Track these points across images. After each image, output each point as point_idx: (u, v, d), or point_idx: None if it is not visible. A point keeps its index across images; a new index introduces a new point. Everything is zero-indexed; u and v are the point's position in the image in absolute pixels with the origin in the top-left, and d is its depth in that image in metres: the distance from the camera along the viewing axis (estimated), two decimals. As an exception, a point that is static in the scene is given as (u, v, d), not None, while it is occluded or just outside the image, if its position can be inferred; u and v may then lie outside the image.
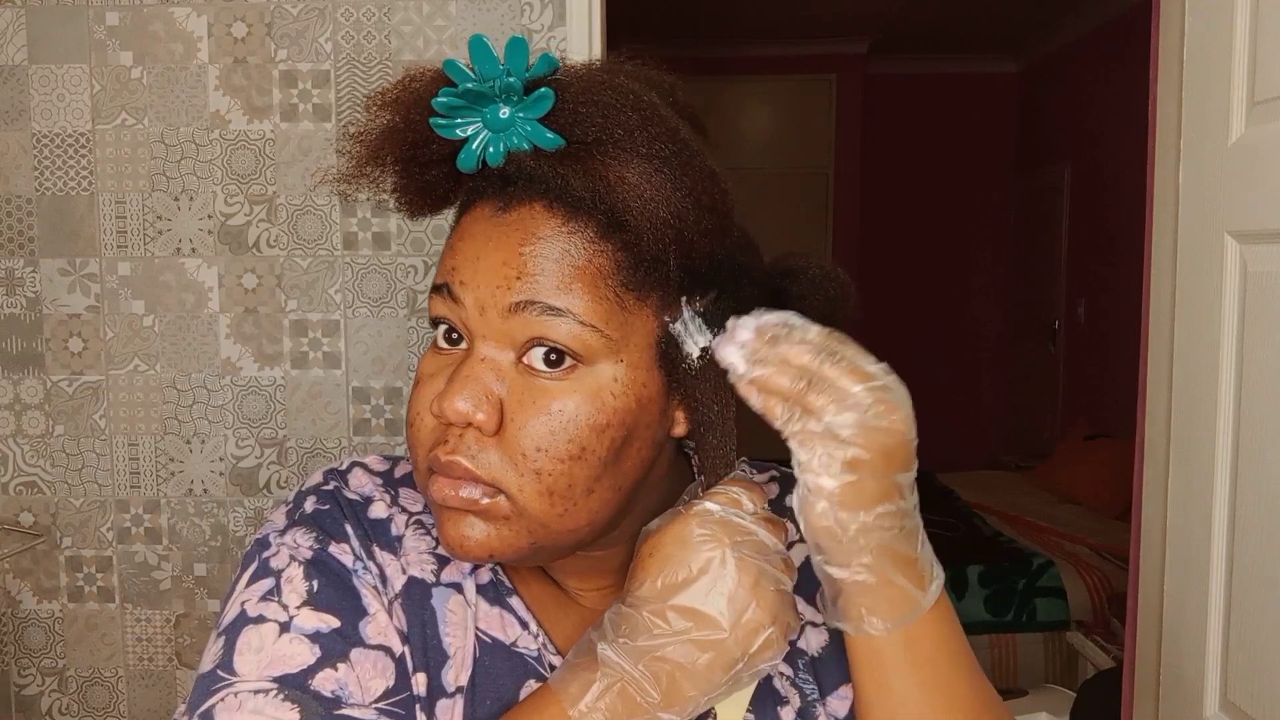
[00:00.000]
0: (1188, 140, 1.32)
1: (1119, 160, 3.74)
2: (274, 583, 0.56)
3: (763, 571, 0.53)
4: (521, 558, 0.55)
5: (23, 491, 1.58)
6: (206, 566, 1.58)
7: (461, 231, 0.56)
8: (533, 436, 0.52)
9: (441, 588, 0.60)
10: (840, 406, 0.51)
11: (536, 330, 0.52)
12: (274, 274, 1.54)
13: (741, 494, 0.55)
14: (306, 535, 0.58)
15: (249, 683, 0.52)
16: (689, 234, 0.53)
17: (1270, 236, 1.15)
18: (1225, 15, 1.22)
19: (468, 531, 0.54)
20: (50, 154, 1.53)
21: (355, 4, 1.50)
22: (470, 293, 0.53)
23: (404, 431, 1.54)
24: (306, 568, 0.56)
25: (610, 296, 0.53)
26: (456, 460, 0.53)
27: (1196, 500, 1.29)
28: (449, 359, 0.56)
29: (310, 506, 0.59)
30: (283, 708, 0.51)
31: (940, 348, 5.04)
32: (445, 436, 0.54)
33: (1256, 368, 1.18)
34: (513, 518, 0.53)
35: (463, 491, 0.53)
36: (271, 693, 0.52)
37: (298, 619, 0.54)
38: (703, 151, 0.55)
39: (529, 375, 0.53)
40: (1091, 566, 2.93)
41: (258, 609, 0.55)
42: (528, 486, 0.53)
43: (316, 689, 0.52)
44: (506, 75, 0.52)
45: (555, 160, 0.53)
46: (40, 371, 1.56)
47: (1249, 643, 1.19)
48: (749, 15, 4.24)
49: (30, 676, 1.61)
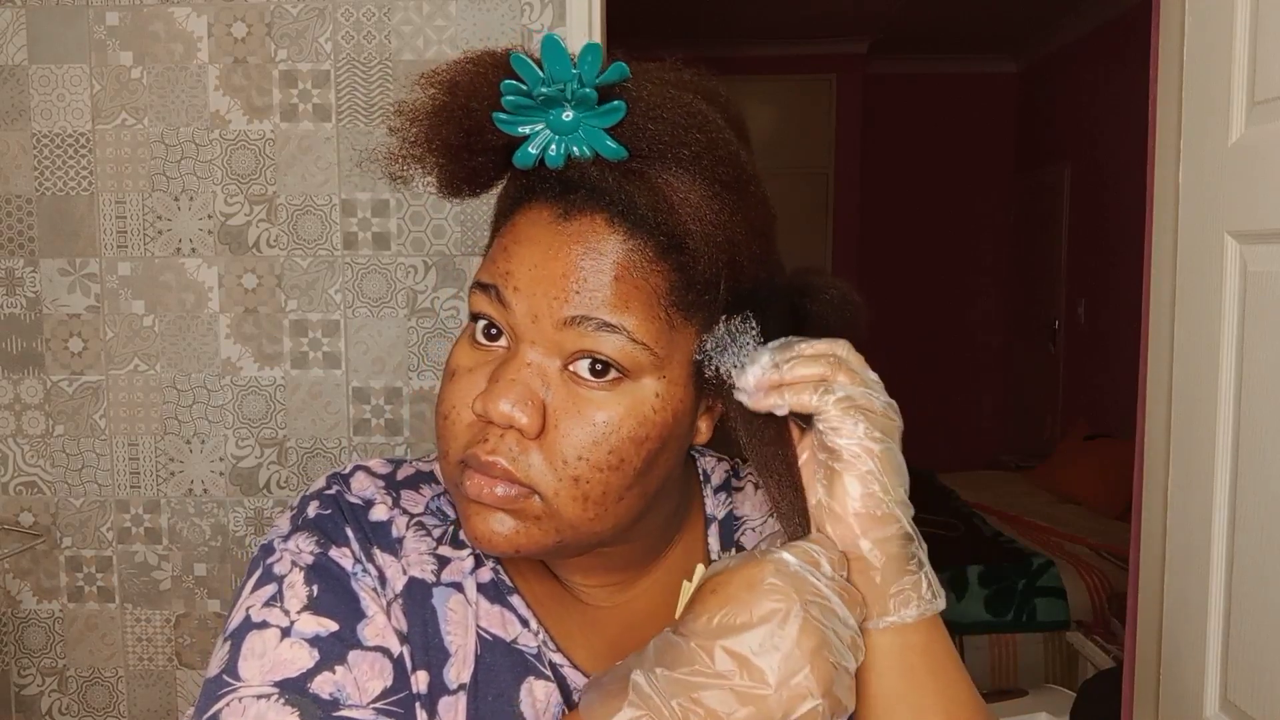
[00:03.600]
0: (1188, 140, 1.32)
1: (1119, 160, 3.74)
2: (277, 589, 0.57)
3: (825, 641, 0.50)
4: (544, 553, 0.56)
5: (23, 491, 1.58)
6: (206, 566, 1.58)
7: (518, 234, 0.55)
8: (574, 444, 0.53)
9: (442, 587, 0.60)
10: (868, 376, 0.55)
11: (588, 344, 0.53)
12: (274, 274, 1.54)
13: (821, 554, 0.53)
14: (308, 540, 0.58)
15: (252, 688, 0.53)
16: (741, 259, 0.54)
17: (1270, 236, 1.15)
18: (1225, 15, 1.22)
19: (496, 527, 0.54)
20: (50, 154, 1.53)
21: (355, 4, 1.50)
22: (524, 300, 0.53)
23: (404, 431, 1.55)
24: (307, 573, 0.57)
25: (661, 315, 0.54)
26: (497, 460, 0.53)
27: (1196, 500, 1.29)
28: (488, 355, 0.56)
29: (313, 512, 0.60)
30: (284, 712, 0.52)
31: (940, 348, 5.04)
32: (485, 435, 0.54)
33: (1256, 368, 1.18)
34: (544, 518, 0.54)
35: (499, 490, 0.53)
36: (273, 697, 0.53)
37: (298, 624, 0.55)
38: (758, 177, 0.56)
39: (574, 383, 0.54)
40: (1091, 566, 2.93)
41: (261, 614, 0.56)
42: (564, 491, 0.53)
43: (315, 692, 0.53)
44: (579, 83, 0.52)
45: (621, 175, 0.53)
46: (40, 371, 1.56)
47: (1249, 643, 1.19)
48: (749, 15, 4.24)
49: (30, 676, 1.61)
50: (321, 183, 1.53)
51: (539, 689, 0.60)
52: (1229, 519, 1.23)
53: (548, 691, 0.60)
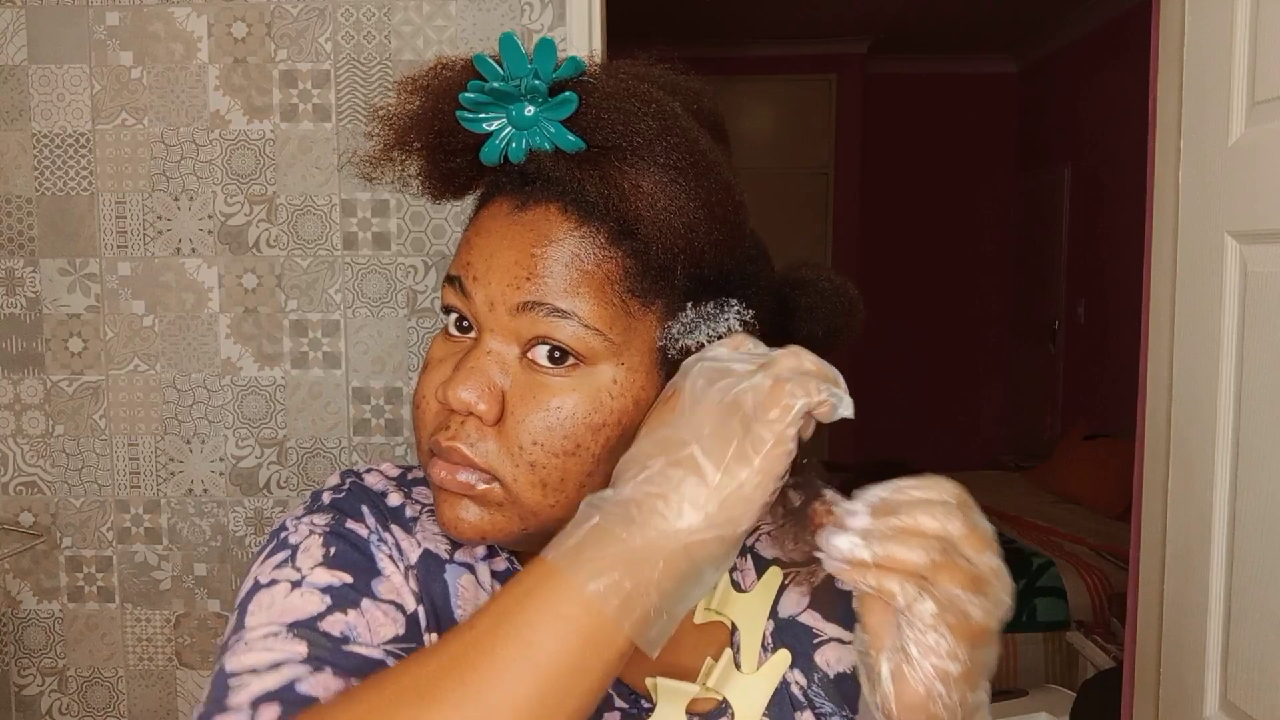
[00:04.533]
0: (1188, 140, 1.32)
1: (1119, 160, 3.74)
2: (290, 553, 0.56)
3: (736, 400, 0.48)
4: (513, 541, 0.57)
5: (23, 491, 1.58)
6: (206, 566, 1.58)
7: (478, 226, 0.58)
8: (530, 430, 0.54)
9: (455, 565, 0.61)
10: (975, 582, 0.48)
11: (542, 330, 0.54)
12: (274, 274, 1.54)
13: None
14: (324, 515, 0.59)
15: (259, 629, 0.52)
16: (699, 244, 0.54)
17: (1270, 236, 1.15)
18: (1225, 15, 1.22)
19: (462, 514, 0.56)
20: (50, 154, 1.53)
21: (355, 4, 1.50)
22: (481, 288, 0.55)
23: (403, 431, 1.55)
24: (325, 537, 0.57)
25: (616, 302, 0.54)
26: (456, 446, 0.54)
27: (1196, 500, 1.29)
28: (457, 346, 0.58)
29: (328, 497, 0.61)
30: (291, 642, 0.51)
31: (940, 348, 5.03)
32: (448, 422, 0.55)
33: (1256, 368, 1.18)
34: (505, 504, 0.55)
35: (460, 475, 0.55)
36: (280, 634, 0.52)
37: (310, 576, 0.55)
38: (721, 162, 0.56)
39: (532, 370, 0.55)
40: (1091, 566, 2.93)
41: (270, 575, 0.55)
42: (521, 477, 0.54)
43: (325, 629, 0.53)
44: (534, 76, 0.53)
45: (574, 164, 0.54)
46: (40, 371, 1.56)
47: (1249, 643, 1.19)
48: (749, 15, 4.24)
49: (30, 676, 1.61)
50: (321, 183, 1.53)
51: None
52: (1229, 519, 1.23)
53: None
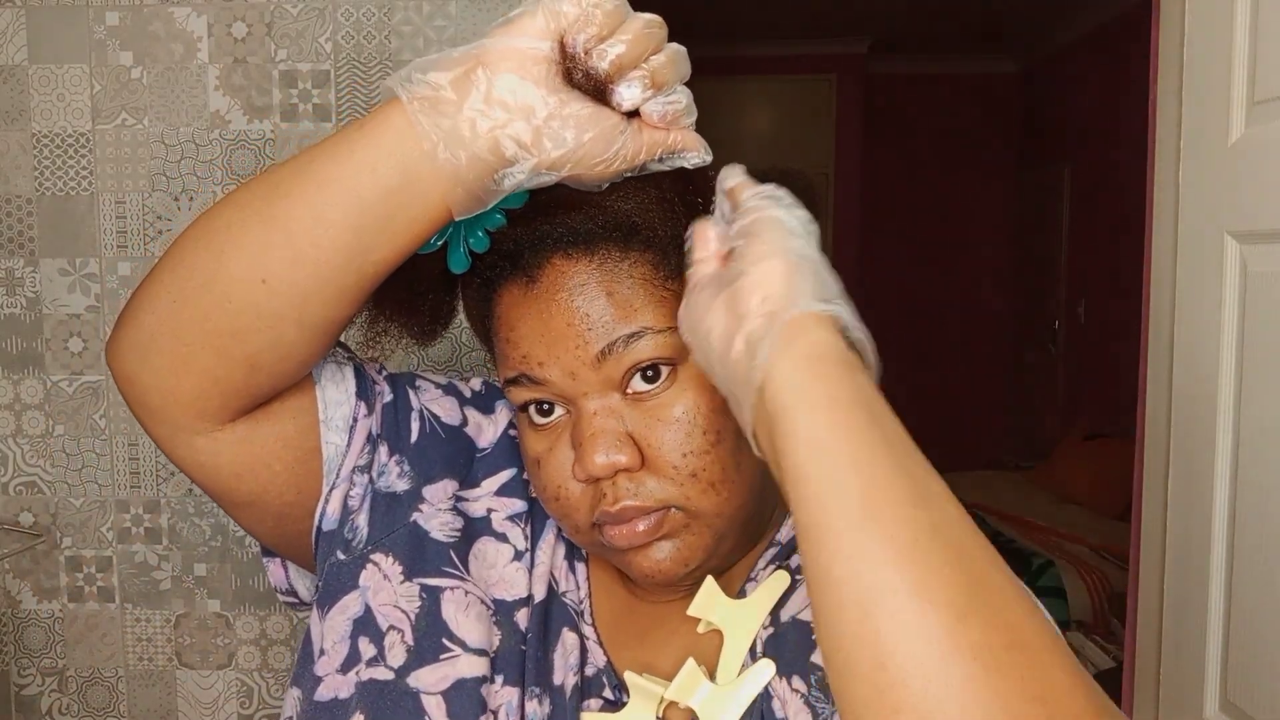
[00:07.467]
0: (1188, 140, 1.32)
1: (1119, 160, 3.74)
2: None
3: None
4: (711, 555, 0.58)
5: (23, 491, 1.58)
6: (206, 566, 1.58)
7: (509, 322, 0.58)
8: (673, 449, 0.55)
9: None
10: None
11: (627, 361, 0.55)
12: (274, 274, 1.54)
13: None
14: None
15: None
16: (682, 201, 0.57)
17: (1270, 236, 1.15)
18: (1225, 15, 1.22)
19: (657, 556, 0.57)
20: (50, 154, 1.53)
21: (355, 4, 1.50)
22: (553, 367, 0.56)
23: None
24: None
25: (663, 293, 0.56)
26: (625, 505, 0.55)
27: (1196, 500, 1.29)
28: (553, 430, 0.59)
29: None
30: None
31: (940, 347, 5.03)
32: (602, 491, 0.56)
33: (1256, 368, 1.18)
34: (691, 523, 0.57)
35: (640, 527, 0.56)
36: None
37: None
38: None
39: (640, 401, 0.56)
40: (1091, 566, 2.93)
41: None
42: (691, 491, 0.56)
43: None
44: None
45: (537, 214, 0.55)
46: (40, 371, 1.56)
47: (1249, 643, 1.19)
48: (749, 15, 4.24)
49: (30, 676, 1.61)
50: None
51: (569, 639, 0.62)
52: (1229, 519, 1.23)
53: (575, 643, 0.62)
